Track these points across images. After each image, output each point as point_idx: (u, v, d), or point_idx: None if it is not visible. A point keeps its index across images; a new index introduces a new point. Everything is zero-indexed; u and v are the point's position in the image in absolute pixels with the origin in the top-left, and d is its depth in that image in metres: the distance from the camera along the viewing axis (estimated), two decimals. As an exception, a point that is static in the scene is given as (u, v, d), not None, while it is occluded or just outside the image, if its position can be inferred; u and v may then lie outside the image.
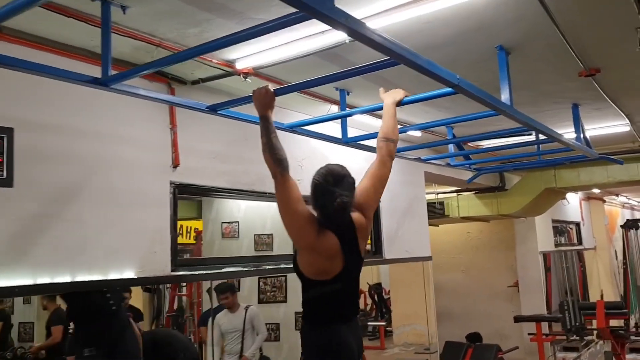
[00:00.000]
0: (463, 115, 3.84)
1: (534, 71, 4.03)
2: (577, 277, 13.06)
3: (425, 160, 5.08)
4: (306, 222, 2.48)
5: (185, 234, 12.96)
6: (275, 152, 2.46)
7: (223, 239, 8.74)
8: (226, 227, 8.80)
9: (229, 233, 8.75)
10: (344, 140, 4.04)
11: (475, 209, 8.77)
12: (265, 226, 8.40)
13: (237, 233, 8.64)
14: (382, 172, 2.75)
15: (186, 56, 2.38)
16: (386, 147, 2.74)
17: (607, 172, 7.64)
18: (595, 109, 5.23)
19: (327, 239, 2.50)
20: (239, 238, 8.64)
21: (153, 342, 5.39)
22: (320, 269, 2.55)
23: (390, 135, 2.77)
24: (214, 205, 8.84)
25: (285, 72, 3.68)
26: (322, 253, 2.51)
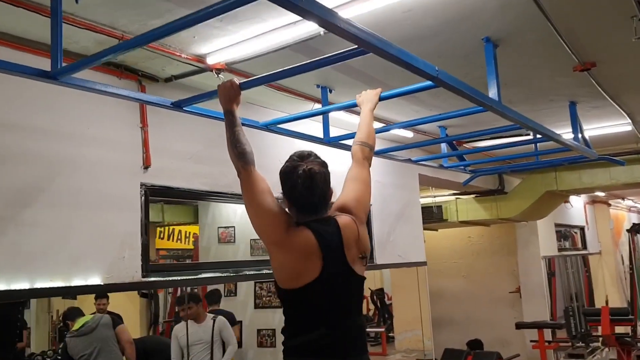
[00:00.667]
0: (450, 112, 3.64)
1: (525, 66, 3.83)
2: (582, 282, 12.80)
3: (416, 162, 4.88)
4: (273, 214, 2.22)
5: (184, 239, 12.83)
6: (237, 145, 2.34)
7: (219, 244, 8.65)
8: (222, 231, 8.71)
9: (225, 238, 8.66)
10: (325, 139, 3.85)
11: (474, 213, 8.55)
12: None
13: (234, 238, 8.55)
14: (364, 175, 2.45)
15: (136, 43, 2.19)
16: (361, 151, 2.51)
17: (610, 174, 7.41)
18: (594, 107, 5.02)
19: (299, 233, 2.13)
20: (235, 243, 8.56)
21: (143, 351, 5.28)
22: (292, 272, 2.12)
23: (365, 139, 2.56)
24: (210, 210, 8.76)
25: (261, 68, 3.48)
26: (293, 249, 2.11)
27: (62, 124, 3.07)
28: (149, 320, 9.67)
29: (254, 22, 2.89)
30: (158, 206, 9.66)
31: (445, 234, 10.98)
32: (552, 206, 8.92)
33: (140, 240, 3.36)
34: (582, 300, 12.72)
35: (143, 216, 3.39)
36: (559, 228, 11.04)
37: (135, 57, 3.28)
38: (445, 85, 2.64)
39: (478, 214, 8.50)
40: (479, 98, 2.98)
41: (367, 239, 2.26)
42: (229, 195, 3.97)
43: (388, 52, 2.19)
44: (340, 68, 3.70)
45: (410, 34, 3.14)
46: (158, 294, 9.87)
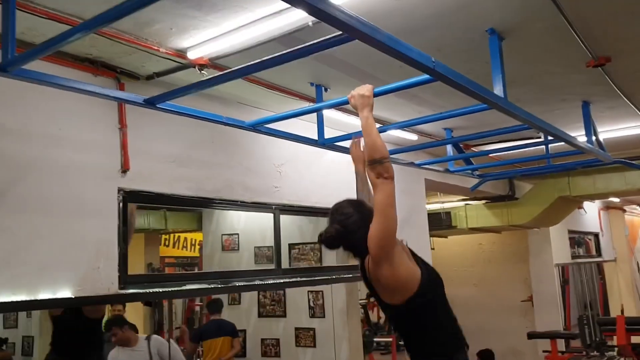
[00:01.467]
0: (451, 110, 3.36)
1: (534, 61, 3.55)
2: (597, 290, 12.42)
3: (420, 165, 4.60)
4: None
5: (190, 246, 12.65)
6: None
7: (223, 251, 8.50)
8: (226, 239, 8.56)
9: (229, 245, 8.50)
10: (320, 141, 3.59)
11: (484, 219, 8.24)
12: (265, 238, 8.13)
13: (237, 245, 8.38)
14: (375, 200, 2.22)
15: (90, 26, 1.94)
16: (370, 171, 2.21)
17: (626, 179, 7.08)
18: (609, 108, 4.72)
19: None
20: (239, 251, 8.38)
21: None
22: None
23: (369, 156, 2.21)
24: (214, 217, 8.64)
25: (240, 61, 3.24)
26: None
27: (30, 123, 2.84)
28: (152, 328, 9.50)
29: (236, 11, 2.64)
30: (160, 213, 9.50)
31: (456, 240, 10.68)
32: (565, 212, 8.58)
33: (118, 250, 3.12)
34: (596, 308, 12.34)
35: (120, 223, 3.15)
36: (573, 235, 10.70)
37: (111, 52, 3.05)
38: (443, 78, 2.38)
39: (488, 220, 8.20)
40: (483, 94, 2.71)
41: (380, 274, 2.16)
42: (216, 201, 3.73)
43: (376, 38, 1.94)
44: (335, 64, 3.45)
45: (405, 25, 2.88)
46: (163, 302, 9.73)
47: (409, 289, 2.13)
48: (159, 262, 11.10)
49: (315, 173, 4.56)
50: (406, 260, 2.18)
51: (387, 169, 2.15)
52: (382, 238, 2.12)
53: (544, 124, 3.29)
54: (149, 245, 10.23)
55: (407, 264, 2.17)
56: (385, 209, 2.12)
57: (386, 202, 2.13)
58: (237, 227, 8.33)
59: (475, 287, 10.60)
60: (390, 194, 2.15)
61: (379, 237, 2.12)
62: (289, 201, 4.27)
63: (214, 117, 2.94)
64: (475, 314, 10.40)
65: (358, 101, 2.32)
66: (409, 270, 2.16)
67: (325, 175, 4.66)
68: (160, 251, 11.67)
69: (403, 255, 2.18)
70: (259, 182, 4.04)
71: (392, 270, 2.12)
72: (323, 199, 4.62)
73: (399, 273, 2.13)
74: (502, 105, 2.90)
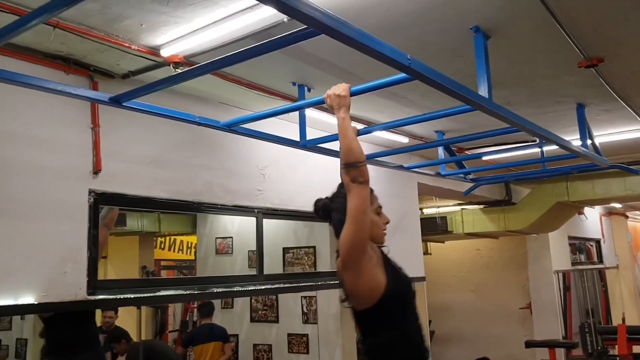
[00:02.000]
0: (436, 111, 3.23)
1: (524, 61, 3.43)
2: (599, 297, 12.24)
3: (409, 169, 4.48)
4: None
5: (186, 249, 12.55)
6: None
7: (217, 255, 8.42)
8: (220, 242, 8.51)
9: (223, 249, 8.43)
10: (302, 143, 3.47)
11: (480, 224, 8.09)
12: None
13: (231, 249, 8.29)
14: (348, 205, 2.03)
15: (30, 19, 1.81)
16: (344, 174, 2.04)
17: (626, 185, 6.93)
18: (605, 111, 4.58)
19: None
20: (233, 254, 8.30)
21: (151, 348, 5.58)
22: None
23: (343, 159, 2.06)
24: (209, 220, 8.58)
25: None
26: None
27: (-7, 122, 2.73)
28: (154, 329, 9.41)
29: (206, 6, 2.53)
30: (154, 216, 9.40)
31: (454, 246, 10.54)
32: (564, 218, 8.43)
33: (87, 254, 3.00)
34: (598, 316, 12.15)
35: (91, 226, 3.04)
36: (573, 241, 10.54)
37: (83, 50, 2.94)
38: (421, 77, 2.26)
39: (484, 225, 8.05)
40: (465, 94, 2.59)
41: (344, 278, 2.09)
42: (195, 204, 3.61)
43: (344, 33, 1.82)
44: (317, 64, 3.33)
45: (385, 22, 2.76)
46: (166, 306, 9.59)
47: (371, 297, 2.04)
48: (154, 265, 11.02)
49: (300, 176, 4.43)
50: (372, 268, 2.05)
51: (363, 172, 2.01)
52: (352, 246, 2.00)
53: (532, 125, 3.16)
54: (144, 248, 10.15)
55: (372, 273, 2.04)
56: (357, 215, 1.98)
57: (359, 208, 1.98)
58: (232, 230, 8.25)
59: (473, 293, 10.45)
60: (365, 199, 2.00)
61: (348, 245, 2.01)
62: (273, 204, 4.15)
63: (186, 117, 2.82)
64: (472, 321, 10.26)
65: (334, 101, 2.17)
66: (373, 280, 2.04)
67: (310, 178, 4.54)
68: (156, 254, 11.59)
69: (370, 263, 2.05)
70: (242, 185, 3.93)
71: (355, 279, 2.03)
72: (308, 202, 4.44)
73: (362, 282, 2.03)
74: (487, 106, 2.77)
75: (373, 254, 2.07)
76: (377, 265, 2.06)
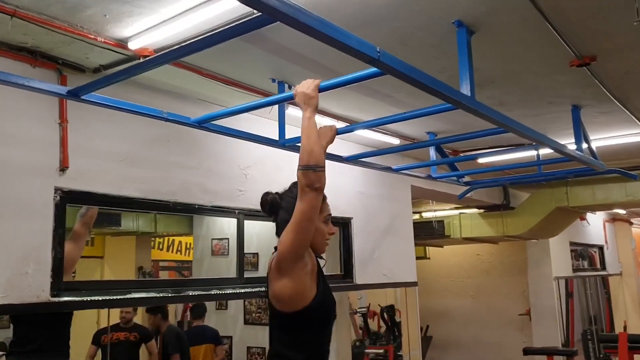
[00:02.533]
0: (418, 109, 3.09)
1: (512, 59, 3.28)
2: (602, 305, 12.03)
3: (398, 170, 4.33)
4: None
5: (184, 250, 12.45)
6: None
7: (213, 256, 8.34)
8: (216, 244, 8.43)
9: (219, 250, 8.35)
10: (280, 142, 3.34)
11: (478, 229, 7.93)
12: (251, 244, 8.01)
13: (227, 251, 8.21)
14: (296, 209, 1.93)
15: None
16: (302, 179, 1.91)
17: (627, 190, 6.75)
18: (602, 113, 4.42)
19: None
20: (229, 256, 8.23)
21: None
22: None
23: (303, 160, 1.93)
24: (205, 221, 8.51)
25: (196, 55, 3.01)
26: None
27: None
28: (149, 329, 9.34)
29: (170, -4, 2.41)
30: (150, 216, 9.32)
31: (454, 250, 10.38)
32: (564, 223, 8.24)
33: (52, 254, 2.88)
34: (601, 324, 11.94)
35: (56, 225, 2.92)
36: (575, 247, 10.34)
37: (49, 42, 2.82)
38: (392, 71, 2.13)
39: (483, 230, 7.88)
40: (444, 91, 2.45)
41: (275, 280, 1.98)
42: (170, 204, 3.48)
43: (301, 21, 1.69)
44: (296, 60, 3.20)
45: (362, 15, 2.62)
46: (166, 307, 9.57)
47: (295, 304, 1.95)
48: (151, 266, 10.94)
49: (285, 177, 4.26)
50: (304, 276, 1.95)
51: (320, 178, 1.90)
52: (290, 250, 1.91)
53: (519, 126, 3.01)
54: (141, 248, 10.06)
55: (303, 280, 1.95)
56: (302, 222, 1.89)
57: (307, 215, 1.89)
58: (228, 231, 8.19)
59: (472, 299, 10.27)
60: (315, 207, 1.90)
61: (286, 248, 1.92)
62: (255, 206, 4.00)
63: (153, 112, 2.70)
64: (471, 326, 10.08)
65: (301, 99, 2.05)
66: (302, 287, 1.95)
67: (297, 179, 4.41)
68: (154, 255, 11.53)
69: (304, 270, 1.96)
70: (222, 185, 3.80)
71: (284, 282, 1.94)
72: (295, 204, 4.37)
73: (290, 287, 1.94)
74: (469, 104, 2.64)
75: (309, 261, 1.98)
76: (310, 275, 1.97)
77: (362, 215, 5.10)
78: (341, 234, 4.98)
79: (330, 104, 3.99)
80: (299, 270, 1.91)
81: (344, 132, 3.18)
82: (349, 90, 3.56)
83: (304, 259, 1.94)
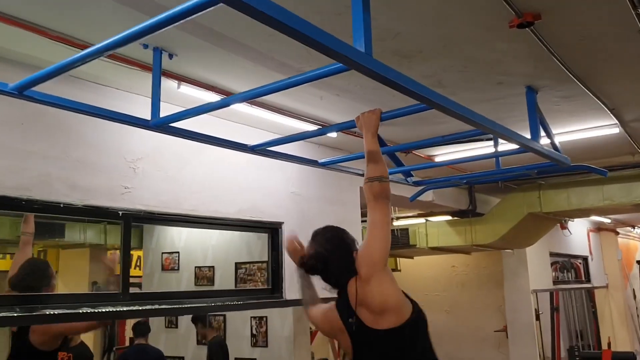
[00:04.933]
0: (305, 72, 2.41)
1: (440, 20, 2.63)
2: (588, 319, 11.40)
3: (325, 165, 3.64)
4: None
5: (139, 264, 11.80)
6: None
7: (163, 271, 7.85)
8: (166, 258, 7.98)
9: (169, 265, 7.89)
10: (152, 122, 2.66)
11: (446, 238, 7.26)
12: (206, 257, 7.49)
13: (177, 265, 7.74)
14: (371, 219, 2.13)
15: None
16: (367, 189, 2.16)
17: (604, 194, 6.13)
18: (564, 98, 3.79)
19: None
20: (179, 271, 7.74)
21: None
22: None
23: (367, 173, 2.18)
24: (155, 233, 8.08)
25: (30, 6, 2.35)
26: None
27: None
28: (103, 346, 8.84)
29: None
30: (100, 227, 8.70)
31: (427, 262, 9.73)
32: (539, 232, 7.59)
33: None
34: (588, 339, 11.32)
35: None
36: (556, 258, 9.70)
37: None
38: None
39: (450, 239, 7.22)
40: (328, 44, 1.79)
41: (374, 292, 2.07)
42: (22, 202, 2.80)
43: None
44: (183, 25, 2.54)
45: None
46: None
47: (402, 313, 2.05)
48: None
49: (190, 172, 3.64)
50: (397, 285, 2.08)
51: (388, 187, 2.15)
52: (382, 257, 2.08)
53: (442, 99, 2.34)
54: (95, 262, 9.51)
55: (398, 288, 2.08)
56: (385, 228, 2.10)
57: (386, 221, 2.11)
58: (178, 244, 7.85)
59: (447, 314, 9.59)
60: (389, 214, 2.14)
61: (372, 255, 2.07)
62: (147, 207, 3.35)
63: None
64: (446, 344, 9.35)
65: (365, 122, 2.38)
66: (400, 294, 2.08)
67: (208, 174, 3.75)
68: (112, 269, 10.90)
69: (392, 276, 2.10)
70: (99, 181, 3.13)
71: (383, 289, 2.04)
72: (203, 205, 3.70)
73: (390, 293, 2.04)
74: (362, 63, 1.97)
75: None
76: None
77: (296, 219, 4.43)
78: (269, 241, 4.32)
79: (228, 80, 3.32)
80: (390, 275, 2.06)
81: (218, 108, 2.52)
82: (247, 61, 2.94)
83: (389, 269, 2.08)
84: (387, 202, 2.10)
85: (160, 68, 2.74)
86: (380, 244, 2.06)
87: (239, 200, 3.96)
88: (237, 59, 2.94)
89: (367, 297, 2.06)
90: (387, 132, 4.39)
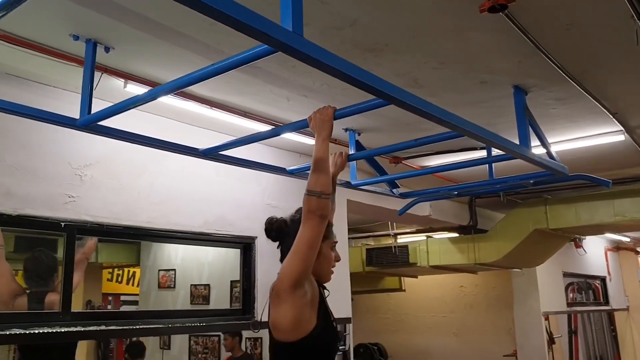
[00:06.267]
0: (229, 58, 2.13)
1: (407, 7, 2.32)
2: (608, 343, 10.82)
3: (293, 173, 3.35)
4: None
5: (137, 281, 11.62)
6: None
7: (159, 289, 7.66)
8: (163, 275, 7.78)
9: (166, 282, 7.70)
10: (80, 121, 2.38)
11: (447, 256, 6.85)
12: (202, 275, 7.26)
13: (174, 283, 7.54)
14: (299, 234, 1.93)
15: None
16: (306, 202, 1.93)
17: (615, 209, 5.70)
18: (558, 100, 3.44)
19: None
20: (175, 289, 7.56)
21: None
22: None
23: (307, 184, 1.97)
24: (152, 249, 7.92)
25: None
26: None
27: None
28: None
29: None
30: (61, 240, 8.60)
31: (434, 281, 9.30)
32: (548, 250, 7.14)
33: None
34: (609, 365, 10.75)
35: None
36: (571, 278, 9.20)
37: None
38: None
39: (452, 257, 6.81)
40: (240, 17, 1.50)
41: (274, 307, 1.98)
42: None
43: None
44: (106, 9, 2.29)
45: None
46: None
47: (294, 333, 1.93)
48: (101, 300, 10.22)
49: (146, 182, 3.35)
50: (303, 305, 1.92)
51: (325, 206, 1.93)
52: (290, 277, 1.90)
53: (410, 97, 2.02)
54: (89, 280, 9.35)
55: (302, 309, 1.92)
56: (303, 249, 1.90)
57: (310, 242, 1.90)
58: (175, 262, 7.63)
59: (456, 337, 9.12)
60: (318, 235, 1.91)
61: (287, 275, 1.91)
62: (95, 217, 3.06)
63: None
64: (453, 369, 8.93)
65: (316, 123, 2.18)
66: (300, 316, 1.92)
67: (169, 184, 3.47)
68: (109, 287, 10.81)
69: (303, 299, 1.92)
70: (39, 188, 2.86)
71: (284, 309, 1.93)
72: (163, 217, 3.41)
73: (288, 315, 1.92)
74: (290, 44, 1.68)
75: (309, 290, 1.95)
76: (310, 305, 1.94)
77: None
78: (240, 257, 4.01)
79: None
80: (299, 299, 1.90)
81: (147, 101, 2.23)
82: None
83: (304, 287, 1.92)
84: (320, 220, 1.90)
85: (94, 62, 2.47)
86: (295, 264, 1.89)
87: (205, 212, 3.67)
88: (184, 53, 2.67)
89: (270, 308, 2.01)
90: (371, 140, 4.08)
